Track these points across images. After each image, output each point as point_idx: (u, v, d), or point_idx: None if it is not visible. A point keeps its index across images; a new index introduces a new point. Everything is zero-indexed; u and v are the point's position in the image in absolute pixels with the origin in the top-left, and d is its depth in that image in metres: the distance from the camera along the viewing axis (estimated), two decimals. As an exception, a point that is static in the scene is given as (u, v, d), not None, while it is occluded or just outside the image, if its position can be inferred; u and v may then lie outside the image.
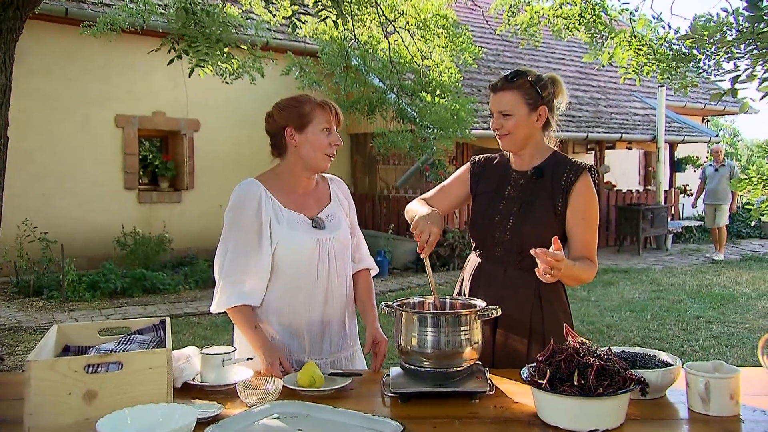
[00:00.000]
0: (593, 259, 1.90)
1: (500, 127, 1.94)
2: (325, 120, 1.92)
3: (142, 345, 1.64)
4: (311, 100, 1.94)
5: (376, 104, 8.25)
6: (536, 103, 1.92)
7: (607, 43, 4.46)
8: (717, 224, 10.13)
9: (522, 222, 1.92)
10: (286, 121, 1.92)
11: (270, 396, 1.55)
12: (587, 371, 1.37)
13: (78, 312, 6.51)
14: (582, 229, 1.91)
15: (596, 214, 1.94)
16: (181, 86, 8.49)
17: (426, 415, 1.50)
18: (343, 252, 1.99)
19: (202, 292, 7.43)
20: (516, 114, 1.91)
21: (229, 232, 1.90)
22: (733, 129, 28.63)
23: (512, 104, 1.91)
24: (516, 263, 1.91)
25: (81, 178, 8.34)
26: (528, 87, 1.91)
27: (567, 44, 13.07)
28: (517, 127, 1.92)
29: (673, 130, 12.01)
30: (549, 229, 1.88)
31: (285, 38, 8.74)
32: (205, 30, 4.46)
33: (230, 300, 1.87)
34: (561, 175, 1.92)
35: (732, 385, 1.46)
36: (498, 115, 1.94)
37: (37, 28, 7.53)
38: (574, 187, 1.90)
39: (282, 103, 1.95)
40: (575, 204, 1.90)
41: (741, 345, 5.30)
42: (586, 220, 1.91)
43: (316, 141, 1.91)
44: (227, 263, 1.88)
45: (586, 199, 1.91)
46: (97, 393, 1.39)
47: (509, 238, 1.93)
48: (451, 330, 1.61)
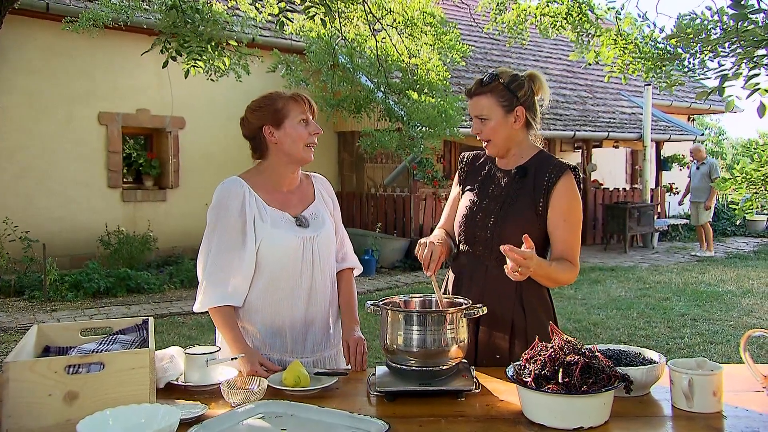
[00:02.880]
0: (574, 261, 1.89)
1: (479, 132, 1.95)
2: (300, 112, 1.92)
3: (124, 345, 1.63)
4: (282, 95, 1.93)
5: (364, 102, 8.24)
6: (511, 104, 1.92)
7: (593, 41, 4.49)
8: (699, 222, 10.30)
9: (503, 221, 1.92)
10: (262, 120, 1.91)
11: (254, 396, 1.54)
12: (572, 369, 1.38)
13: (60, 312, 6.44)
14: (563, 231, 1.90)
15: (578, 215, 1.92)
16: (166, 84, 8.43)
17: (412, 413, 1.50)
18: (327, 250, 1.99)
19: (187, 292, 7.39)
20: (492, 117, 1.92)
21: (212, 231, 1.90)
22: (718, 128, 28.95)
23: (487, 108, 1.92)
24: (497, 261, 1.90)
25: (63, 177, 8.26)
26: (501, 89, 1.91)
27: (554, 42, 13.16)
28: (495, 130, 1.93)
29: (659, 128, 12.12)
30: (530, 228, 1.88)
31: (271, 35, 8.71)
32: (197, 28, 4.42)
33: (212, 300, 1.87)
34: (543, 175, 1.92)
35: (715, 381, 1.48)
36: (476, 119, 1.95)
37: (18, 23, 7.44)
38: (555, 187, 1.90)
39: (254, 105, 1.95)
40: (556, 205, 1.90)
41: (726, 342, 5.36)
42: (567, 221, 1.90)
43: (296, 134, 1.91)
44: (210, 262, 1.88)
45: (568, 200, 1.90)
46: (78, 394, 1.38)
47: (490, 236, 1.93)
48: (437, 328, 1.61)
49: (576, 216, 1.92)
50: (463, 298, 1.78)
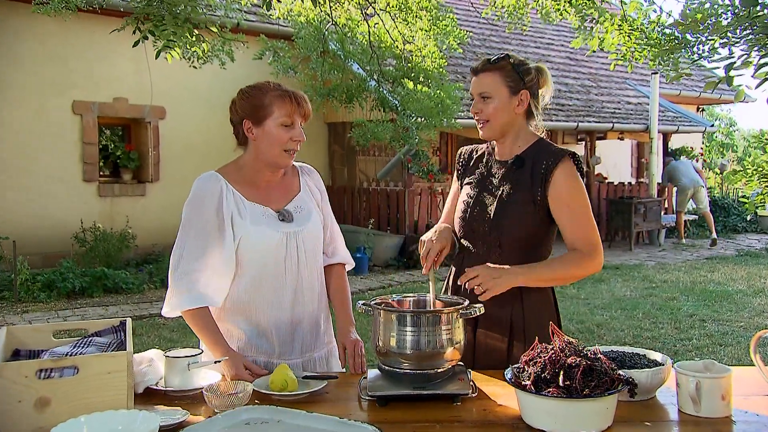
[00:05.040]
0: (589, 249, 1.87)
1: (479, 111, 1.96)
2: (286, 113, 1.86)
3: (100, 348, 1.63)
4: (273, 89, 1.88)
5: (356, 92, 8.23)
6: (518, 86, 1.94)
7: (597, 27, 4.50)
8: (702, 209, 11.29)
9: (501, 215, 1.93)
10: (244, 112, 1.89)
11: (239, 401, 1.54)
12: (573, 372, 1.38)
13: (32, 314, 6.41)
14: (567, 218, 1.90)
15: (582, 200, 1.91)
16: (145, 71, 8.37)
17: (405, 419, 1.50)
18: (313, 245, 1.98)
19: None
20: (496, 96, 1.93)
21: (187, 229, 1.88)
22: (729, 118, 29.09)
23: (492, 86, 1.93)
24: (497, 258, 1.91)
25: (35, 170, 8.20)
26: (510, 69, 1.94)
27: (556, 29, 13.17)
28: (497, 111, 1.93)
29: (667, 119, 12.18)
30: (529, 220, 1.89)
31: (257, 20, 8.67)
32: (172, 9, 4.38)
33: (184, 302, 1.84)
34: (540, 164, 1.93)
35: (723, 385, 1.49)
36: (478, 98, 1.96)
37: (-14, 6, 7.39)
38: (553, 175, 1.90)
39: (243, 91, 1.92)
40: (556, 193, 1.90)
41: (736, 344, 5.40)
42: (570, 208, 1.90)
43: (274, 136, 1.87)
44: (182, 262, 1.86)
45: (568, 186, 1.90)
46: (50, 400, 1.37)
47: (488, 231, 1.94)
48: (432, 329, 1.62)
49: (579, 201, 1.91)
50: (460, 297, 1.79)
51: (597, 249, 1.89)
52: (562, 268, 1.88)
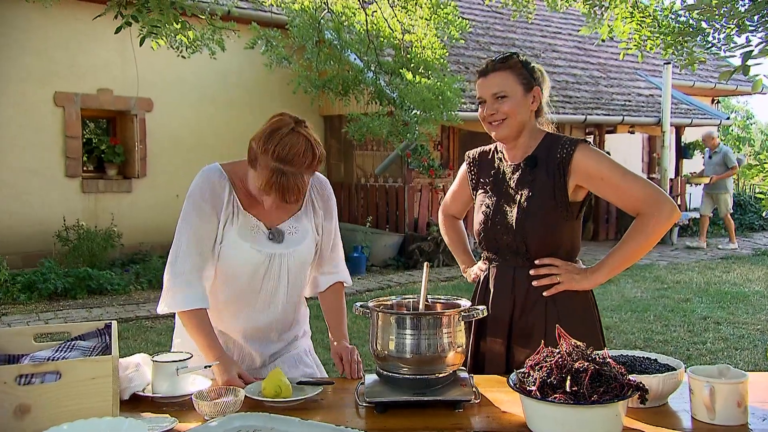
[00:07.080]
0: (649, 207, 1.85)
1: (495, 113, 1.96)
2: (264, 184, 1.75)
3: (84, 352, 1.63)
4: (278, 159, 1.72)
5: (352, 83, 8.22)
6: (530, 83, 1.98)
7: (606, 14, 4.49)
8: (721, 213, 10.76)
9: (524, 222, 1.94)
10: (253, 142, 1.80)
11: (230, 408, 1.54)
12: (581, 377, 1.38)
13: (12, 316, 6.41)
14: (610, 191, 1.91)
15: (613, 165, 1.90)
16: (131, 61, 8.36)
17: (405, 426, 1.51)
18: (298, 270, 2.00)
19: (155, 293, 7.36)
20: (511, 95, 1.95)
21: (187, 223, 1.88)
22: (746, 111, 29.09)
23: (506, 85, 1.95)
24: (524, 264, 1.95)
25: (15, 165, 8.19)
26: (520, 67, 1.97)
27: (563, 16, 13.17)
28: (514, 109, 1.95)
29: (680, 112, 12.19)
30: (555, 219, 1.91)
31: (249, 7, 8.65)
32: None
33: (184, 302, 1.85)
34: (554, 156, 1.95)
35: (739, 391, 1.49)
36: (492, 99, 1.96)
37: (-37, -8, 7.38)
38: (572, 161, 1.92)
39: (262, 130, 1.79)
40: (583, 175, 1.91)
41: (752, 348, 5.41)
42: (605, 179, 1.90)
43: (255, 183, 1.81)
44: (181, 257, 1.86)
45: (594, 161, 1.90)
46: (31, 407, 1.37)
47: (512, 240, 1.96)
48: (432, 332, 1.62)
49: (610, 168, 1.89)
50: (463, 300, 1.79)
51: (657, 201, 1.86)
52: (634, 242, 1.87)
